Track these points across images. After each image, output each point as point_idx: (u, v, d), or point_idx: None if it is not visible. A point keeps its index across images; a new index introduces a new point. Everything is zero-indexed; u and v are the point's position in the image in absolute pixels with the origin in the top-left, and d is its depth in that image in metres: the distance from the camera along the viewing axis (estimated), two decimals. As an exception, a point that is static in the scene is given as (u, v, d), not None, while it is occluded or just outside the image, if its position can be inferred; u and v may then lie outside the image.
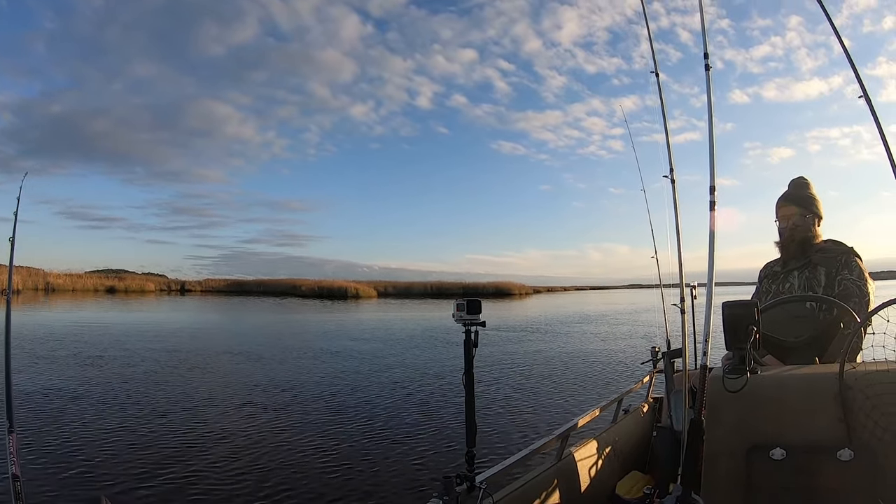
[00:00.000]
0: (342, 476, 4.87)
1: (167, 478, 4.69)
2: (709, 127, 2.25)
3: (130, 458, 5.13)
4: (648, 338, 15.90)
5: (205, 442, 5.74)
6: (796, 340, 2.45)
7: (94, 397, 7.71)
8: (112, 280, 56.46)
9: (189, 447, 5.53)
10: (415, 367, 11.10)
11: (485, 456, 4.81)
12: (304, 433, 6.12)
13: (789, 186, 2.98)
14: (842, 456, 1.82)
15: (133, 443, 5.63)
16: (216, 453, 5.36)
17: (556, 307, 39.44)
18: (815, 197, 2.89)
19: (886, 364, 1.91)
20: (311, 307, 37.20)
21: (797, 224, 2.84)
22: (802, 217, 2.85)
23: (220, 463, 5.09)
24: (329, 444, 5.75)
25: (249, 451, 5.47)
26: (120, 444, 5.59)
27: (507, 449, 5.33)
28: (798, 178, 2.98)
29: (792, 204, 2.88)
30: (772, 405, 1.98)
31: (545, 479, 2.68)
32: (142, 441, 5.70)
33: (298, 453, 5.42)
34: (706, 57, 2.32)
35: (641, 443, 3.75)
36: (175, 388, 8.54)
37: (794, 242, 2.85)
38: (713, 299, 2.07)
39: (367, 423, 6.60)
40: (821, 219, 2.88)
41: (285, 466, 5.04)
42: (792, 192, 2.93)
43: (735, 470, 1.98)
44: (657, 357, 4.31)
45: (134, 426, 6.27)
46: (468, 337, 2.14)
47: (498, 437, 6.01)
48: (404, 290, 64.94)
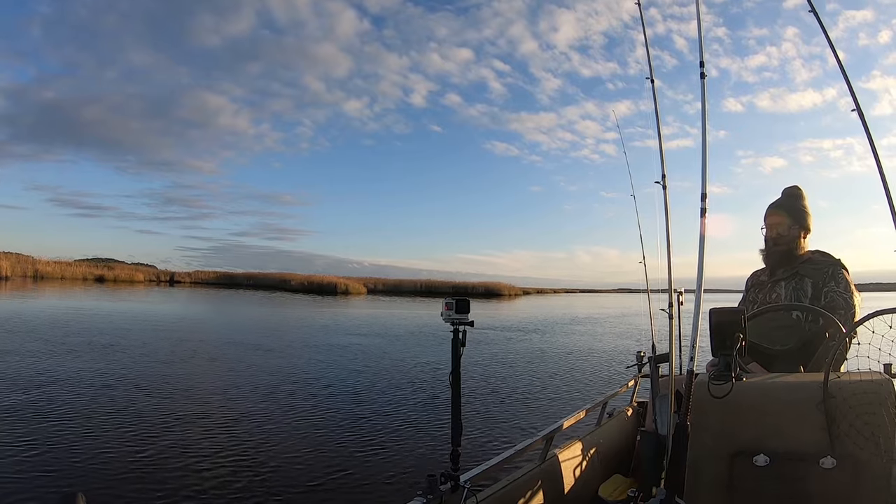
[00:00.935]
0: (323, 472, 4.82)
1: (144, 473, 4.58)
2: (702, 135, 2.27)
3: (107, 453, 5.00)
4: (635, 341, 15.96)
5: (185, 436, 5.63)
6: (782, 349, 2.48)
7: (71, 388, 7.50)
8: (101, 269, 56.06)
9: (169, 441, 5.42)
10: (402, 364, 11.08)
11: (470, 455, 4.78)
12: (287, 430, 6.05)
13: (782, 195, 2.98)
14: (824, 464, 1.84)
15: (110, 436, 5.47)
16: (196, 447, 5.28)
17: (547, 309, 39.55)
18: (806, 209, 2.89)
19: (870, 374, 1.93)
20: (300, 302, 37.10)
21: (782, 234, 2.85)
22: (789, 228, 2.85)
23: (200, 457, 5.01)
24: (311, 440, 5.70)
25: (229, 446, 5.38)
26: (96, 437, 5.43)
27: (492, 449, 5.34)
28: (792, 187, 2.98)
29: (782, 213, 2.88)
30: (756, 412, 2.00)
31: (529, 479, 2.69)
32: (120, 435, 5.54)
33: (280, 450, 5.34)
34: (702, 65, 2.33)
35: (625, 446, 3.77)
36: (156, 380, 8.39)
37: (776, 251, 2.87)
38: (694, 305, 2.09)
39: (351, 420, 6.56)
40: (808, 232, 2.88)
41: (266, 463, 4.96)
42: (783, 201, 2.93)
43: (718, 475, 2.00)
44: (642, 361, 4.35)
45: (112, 419, 6.11)
46: (456, 336, 2.15)
47: (483, 437, 6.00)
48: (394, 287, 65.00)
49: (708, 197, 2.11)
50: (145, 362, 9.95)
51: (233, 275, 67.21)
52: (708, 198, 2.14)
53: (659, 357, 3.18)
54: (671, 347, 2.32)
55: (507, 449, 2.66)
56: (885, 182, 2.16)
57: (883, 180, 2.15)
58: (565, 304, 50.49)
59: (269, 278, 63.98)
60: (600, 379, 10.21)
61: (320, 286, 56.84)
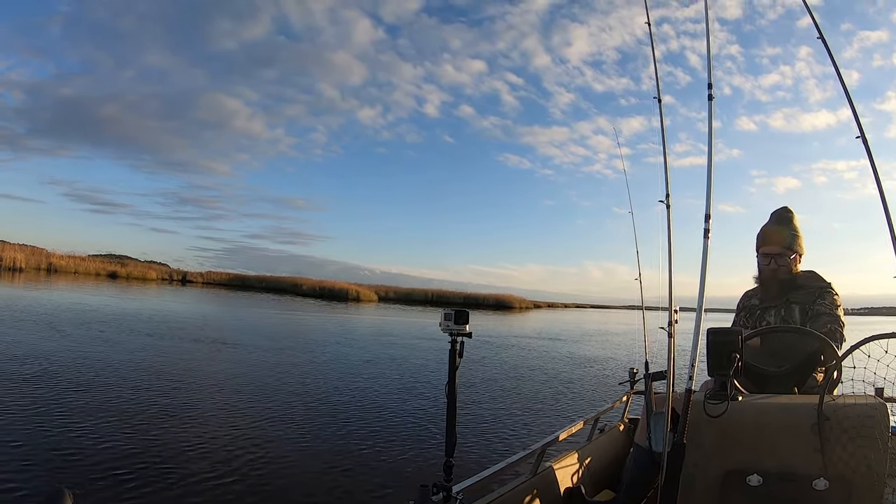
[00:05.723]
0: (315, 479, 4.79)
1: (134, 471, 4.50)
2: (708, 156, 2.29)
3: (96, 449, 4.93)
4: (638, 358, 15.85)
5: (177, 434, 5.59)
6: (777, 370, 2.48)
7: (60, 382, 7.37)
8: (114, 265, 56.47)
9: (160, 439, 5.37)
10: (403, 373, 11.06)
11: (462, 467, 4.71)
12: (281, 435, 5.98)
13: (771, 219, 2.97)
14: (817, 485, 1.85)
15: (99, 432, 5.38)
16: (187, 447, 5.24)
17: (559, 323, 39.34)
18: (797, 233, 2.89)
19: (865, 398, 1.94)
20: (311, 307, 37.20)
21: (780, 264, 2.84)
22: (785, 256, 2.84)
23: (190, 457, 4.97)
24: (304, 445, 5.68)
25: (221, 447, 5.34)
26: (85, 432, 5.33)
27: (485, 461, 5.26)
28: (782, 209, 2.97)
29: (776, 241, 2.87)
30: (751, 432, 2.01)
31: (520, 492, 2.71)
32: (109, 430, 5.46)
33: (273, 454, 5.28)
34: (710, 87, 2.36)
35: (615, 462, 3.77)
36: (152, 377, 8.36)
37: (774, 282, 2.87)
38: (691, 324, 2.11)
39: (346, 427, 6.53)
40: (802, 254, 2.88)
41: (258, 469, 4.88)
42: (774, 227, 2.92)
43: (711, 493, 2.01)
44: (635, 378, 4.35)
45: (102, 414, 6.03)
46: (453, 347, 2.16)
47: (477, 449, 5.96)
48: (405, 295, 64.85)
49: (720, 216, 2.13)
50: (144, 359, 9.97)
51: (245, 277, 67.38)
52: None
53: (654, 374, 3.17)
54: (670, 365, 2.33)
55: (499, 461, 2.67)
56: (886, 207, 2.17)
57: (884, 205, 2.16)
58: (577, 319, 50.19)
59: (281, 282, 64.10)
60: (599, 395, 10.13)
61: (332, 292, 56.90)
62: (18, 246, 48.39)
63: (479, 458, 5.56)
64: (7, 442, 4.91)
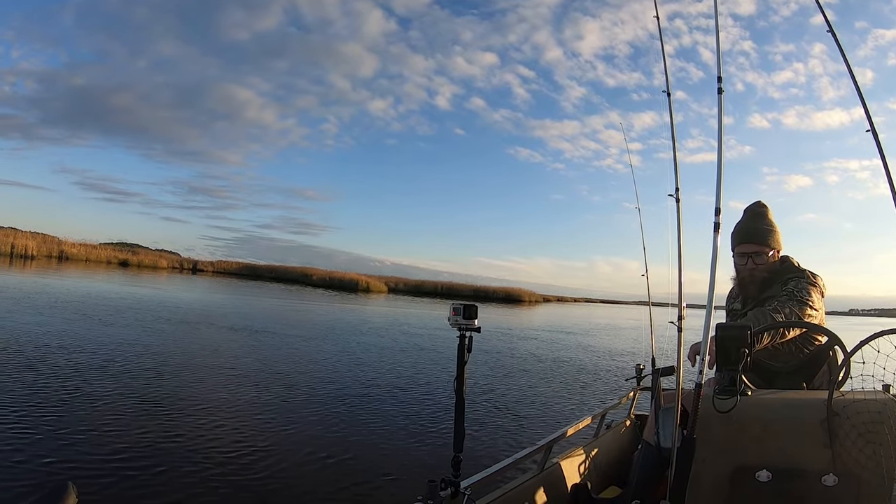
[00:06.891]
0: (322, 473, 4.78)
1: (140, 464, 4.46)
2: (718, 150, 2.28)
3: (102, 442, 4.86)
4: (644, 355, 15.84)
5: (185, 423, 5.59)
6: (784, 366, 2.48)
7: (66, 372, 7.28)
8: (125, 254, 56.88)
9: (166, 432, 5.31)
10: (412, 367, 11.08)
11: (470, 461, 4.66)
12: (287, 430, 5.92)
13: (745, 216, 2.91)
14: (826, 481, 1.86)
15: (105, 425, 5.31)
16: (195, 436, 5.24)
17: (569, 318, 39.31)
18: (773, 228, 2.82)
19: (874, 394, 1.94)
20: (321, 297, 37.37)
21: (757, 263, 2.78)
22: (761, 255, 2.78)
23: (198, 447, 4.96)
24: (311, 440, 5.63)
25: (228, 438, 5.33)
26: (90, 425, 5.28)
27: (492, 456, 5.21)
28: (755, 204, 2.91)
29: (750, 242, 2.81)
30: (760, 428, 2.01)
31: (528, 487, 2.73)
32: (115, 423, 5.40)
33: (279, 450, 5.21)
34: (719, 80, 2.34)
35: (622, 458, 3.78)
36: (161, 366, 8.38)
37: (752, 284, 2.81)
38: (697, 320, 2.11)
39: (353, 421, 6.52)
40: (780, 250, 2.82)
41: (264, 462, 4.84)
42: (749, 226, 2.85)
43: (720, 489, 2.01)
44: (642, 374, 4.35)
45: (107, 406, 5.97)
46: (462, 342, 2.16)
47: (484, 444, 5.97)
48: (415, 287, 64.93)
49: (730, 212, 2.11)
50: (154, 348, 10.02)
51: (255, 266, 67.74)
52: (722, 213, 2.16)
53: (663, 370, 3.16)
54: (679, 360, 2.33)
55: (507, 457, 2.69)
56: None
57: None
58: (586, 314, 50.10)
59: (291, 272, 64.37)
60: (610, 390, 10.15)
61: (342, 282, 57.13)
62: (30, 233, 48.88)
63: (487, 453, 5.56)
64: (9, 433, 4.85)
